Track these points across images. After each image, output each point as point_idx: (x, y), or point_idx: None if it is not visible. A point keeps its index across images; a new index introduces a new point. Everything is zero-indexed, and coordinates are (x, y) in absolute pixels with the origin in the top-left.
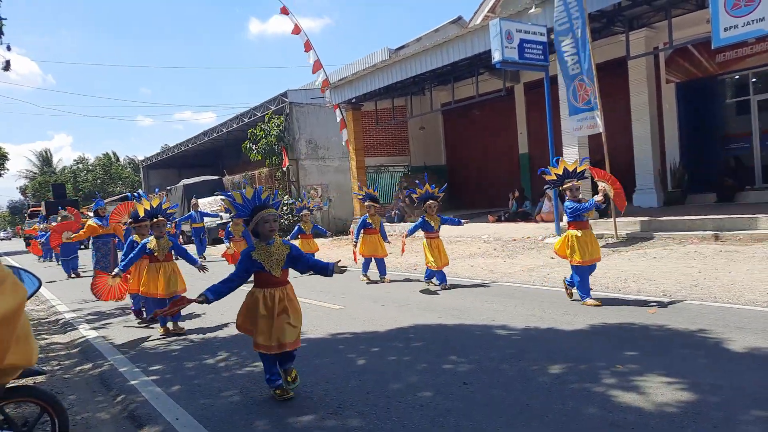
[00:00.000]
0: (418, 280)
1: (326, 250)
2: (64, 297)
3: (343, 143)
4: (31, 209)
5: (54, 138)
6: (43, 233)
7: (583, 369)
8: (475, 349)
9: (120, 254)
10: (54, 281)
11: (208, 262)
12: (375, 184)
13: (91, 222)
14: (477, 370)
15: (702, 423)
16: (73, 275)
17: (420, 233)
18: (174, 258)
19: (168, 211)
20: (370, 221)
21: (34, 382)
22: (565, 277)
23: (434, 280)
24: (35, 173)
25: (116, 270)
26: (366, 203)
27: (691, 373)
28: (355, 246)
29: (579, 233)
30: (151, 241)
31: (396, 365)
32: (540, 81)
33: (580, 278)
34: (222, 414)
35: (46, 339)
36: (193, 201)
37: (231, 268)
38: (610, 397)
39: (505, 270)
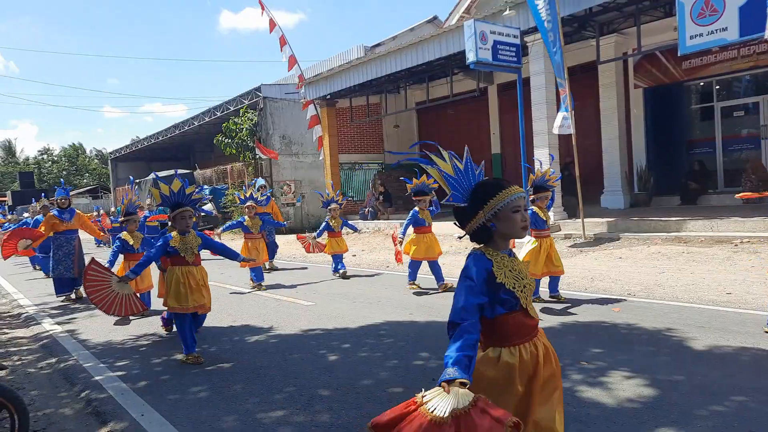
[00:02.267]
0: (390, 277)
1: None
2: (28, 291)
3: (314, 140)
4: None
5: (18, 127)
6: (13, 225)
7: None
8: (446, 345)
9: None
10: (35, 278)
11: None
12: (349, 181)
13: (51, 214)
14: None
15: (662, 417)
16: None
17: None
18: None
19: (193, 197)
20: (422, 217)
21: None
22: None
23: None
24: None
25: (128, 274)
26: (415, 196)
27: (654, 369)
28: (400, 245)
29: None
30: (174, 238)
31: (367, 361)
32: (513, 83)
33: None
34: (189, 410)
35: (8, 333)
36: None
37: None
38: (575, 393)
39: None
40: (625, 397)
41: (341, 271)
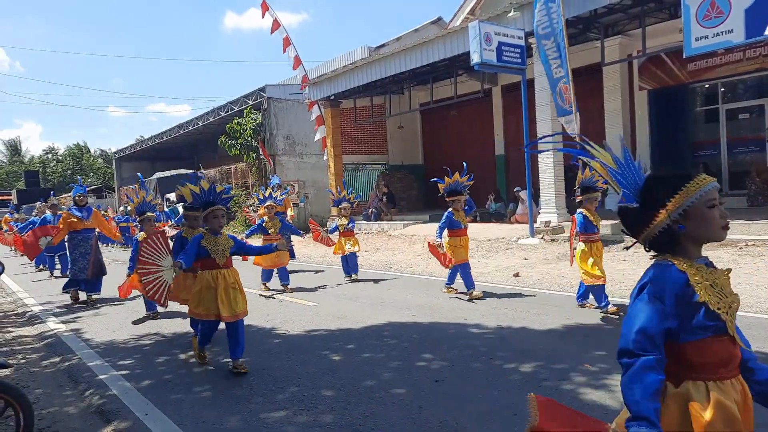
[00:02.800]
0: (393, 278)
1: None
2: (33, 290)
3: (316, 140)
4: (1, 198)
5: (22, 127)
6: (21, 225)
7: (553, 368)
8: (448, 347)
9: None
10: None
11: None
12: (353, 182)
13: (69, 213)
14: (449, 367)
15: None
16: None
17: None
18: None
19: (224, 196)
20: (458, 219)
21: None
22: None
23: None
24: (3, 162)
25: (179, 262)
26: (449, 197)
27: None
28: (441, 247)
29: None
30: (205, 237)
31: (369, 362)
32: (517, 84)
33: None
34: (193, 409)
35: (13, 332)
36: (168, 197)
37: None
38: (579, 396)
39: (479, 270)
40: None
41: (353, 276)
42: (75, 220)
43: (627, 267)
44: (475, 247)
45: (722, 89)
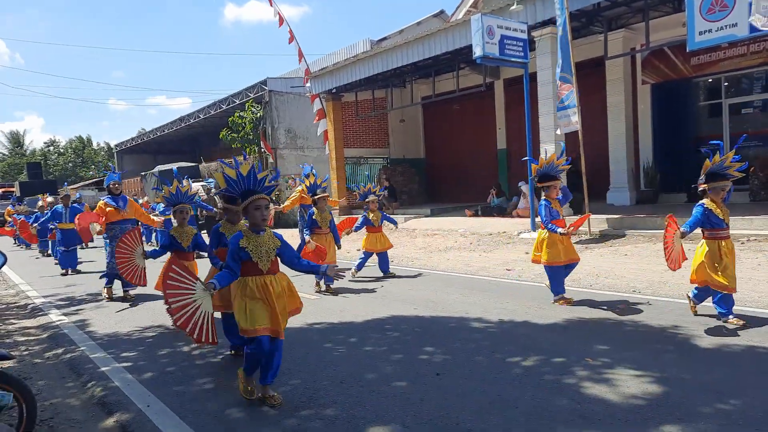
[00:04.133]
0: (395, 272)
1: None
2: (35, 282)
3: (319, 134)
4: (3, 190)
5: (24, 119)
6: (27, 217)
7: (555, 362)
8: (450, 340)
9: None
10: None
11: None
12: (354, 175)
13: (105, 203)
14: (451, 361)
15: (666, 415)
16: (71, 272)
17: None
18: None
19: (267, 183)
20: (555, 208)
21: (2, 368)
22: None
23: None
24: (5, 155)
25: (212, 285)
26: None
27: (659, 367)
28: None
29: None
30: (245, 236)
31: (371, 355)
32: (520, 78)
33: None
34: (195, 401)
35: (15, 324)
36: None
37: None
38: (580, 390)
39: (480, 264)
40: (630, 393)
41: (383, 274)
42: (113, 210)
43: (627, 261)
44: (476, 241)
45: (726, 83)
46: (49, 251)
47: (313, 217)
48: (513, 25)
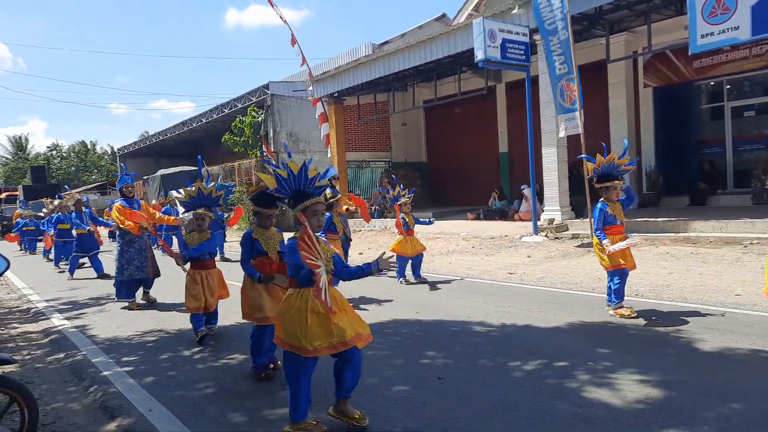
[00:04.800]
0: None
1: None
2: (38, 286)
3: (322, 137)
4: (7, 193)
5: (26, 123)
6: (34, 222)
7: (557, 366)
8: (452, 344)
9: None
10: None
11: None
12: (356, 179)
13: (120, 205)
14: (453, 365)
15: (669, 419)
16: (97, 275)
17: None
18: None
19: (317, 183)
20: (612, 212)
21: (4, 372)
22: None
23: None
24: (8, 159)
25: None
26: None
27: (662, 371)
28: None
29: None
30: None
31: (373, 359)
32: (522, 81)
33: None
34: (196, 406)
35: (18, 328)
36: (171, 194)
37: None
38: (582, 393)
39: (483, 267)
40: (633, 397)
41: (411, 279)
42: (130, 213)
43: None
44: (478, 245)
45: (728, 86)
46: (51, 255)
47: (332, 221)
48: (515, 28)
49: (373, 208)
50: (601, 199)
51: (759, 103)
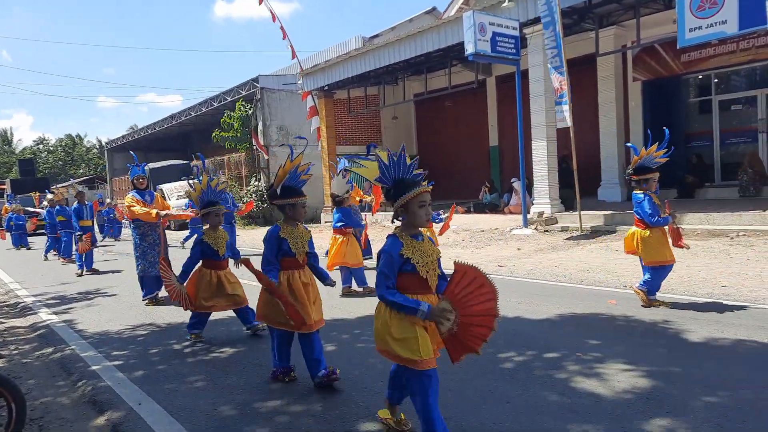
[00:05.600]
0: None
1: None
2: (25, 281)
3: (312, 131)
4: None
5: (12, 117)
6: (19, 217)
7: (546, 357)
8: None
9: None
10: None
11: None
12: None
13: (133, 197)
14: (442, 357)
15: (657, 408)
16: (86, 272)
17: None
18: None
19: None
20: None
21: None
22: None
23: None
24: None
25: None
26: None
27: (650, 361)
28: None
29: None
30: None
31: (362, 352)
32: (512, 75)
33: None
34: (186, 399)
35: (5, 323)
36: (159, 191)
37: None
38: (571, 384)
39: (473, 260)
40: (621, 388)
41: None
42: (142, 206)
43: (618, 257)
44: (468, 238)
45: (715, 80)
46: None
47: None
48: (505, 22)
49: (364, 201)
50: (638, 191)
51: (746, 96)
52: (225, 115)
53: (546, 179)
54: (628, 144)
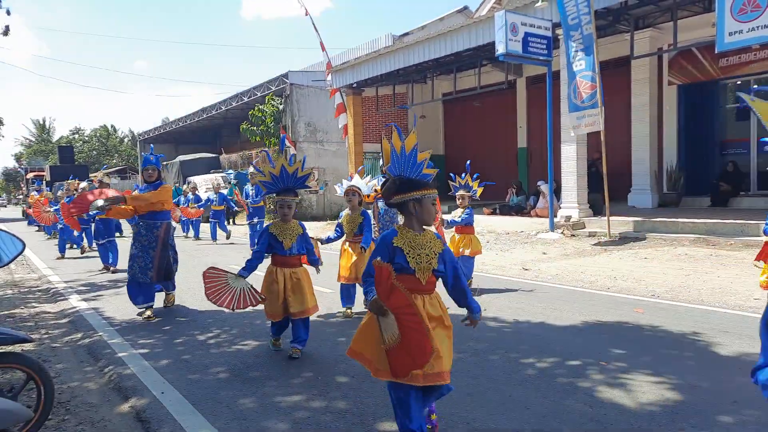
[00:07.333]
0: None
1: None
2: (57, 267)
3: (340, 128)
4: (34, 174)
5: (49, 107)
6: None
7: (569, 364)
8: (464, 339)
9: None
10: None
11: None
12: (373, 170)
13: (137, 192)
14: (464, 360)
15: (682, 422)
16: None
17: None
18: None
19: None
20: None
21: (22, 350)
22: None
23: None
24: (32, 141)
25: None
26: None
27: (676, 373)
28: None
29: None
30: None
31: None
32: (542, 76)
33: None
34: (208, 390)
35: (36, 308)
36: (191, 183)
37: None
38: (593, 393)
39: (498, 263)
40: (646, 399)
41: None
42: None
43: (647, 265)
44: (493, 240)
45: (755, 86)
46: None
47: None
48: (537, 22)
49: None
50: None
51: None
52: (255, 108)
53: (574, 183)
54: (764, 138)
